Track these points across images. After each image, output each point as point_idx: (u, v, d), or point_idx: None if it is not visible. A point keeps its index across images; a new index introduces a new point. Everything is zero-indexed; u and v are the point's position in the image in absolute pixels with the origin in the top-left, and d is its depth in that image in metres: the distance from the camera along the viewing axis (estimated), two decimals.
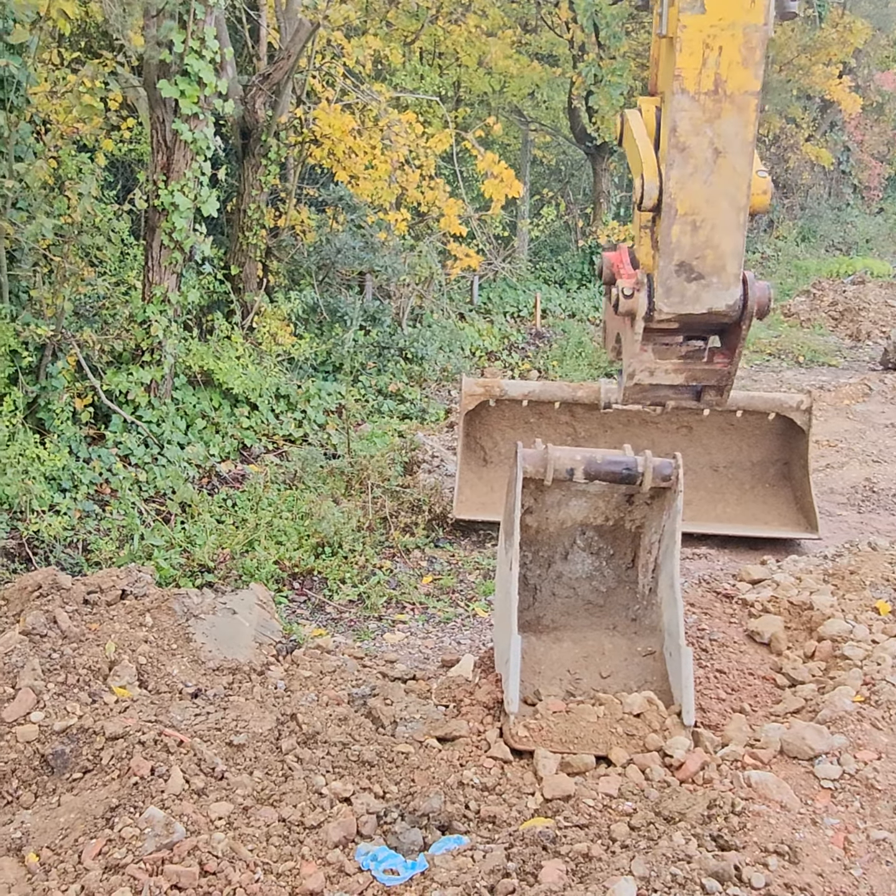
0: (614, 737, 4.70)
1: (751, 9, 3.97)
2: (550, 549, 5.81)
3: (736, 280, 4.30)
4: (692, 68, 4.03)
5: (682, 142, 4.11)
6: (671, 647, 5.16)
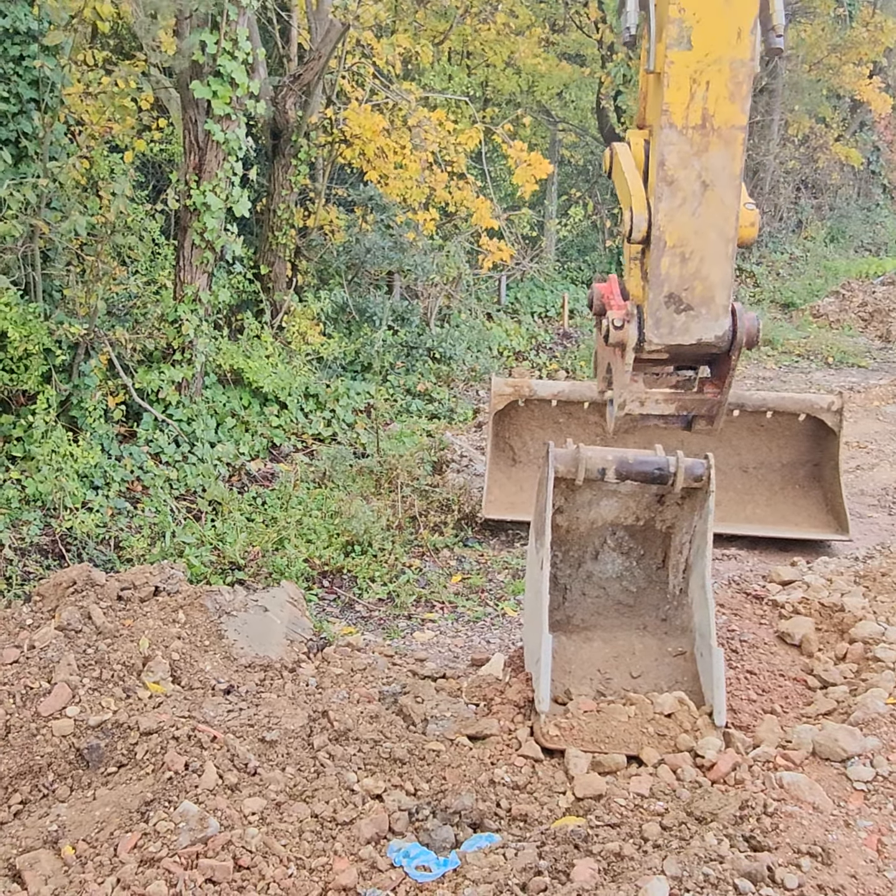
0: (645, 737, 4.70)
1: (737, 44, 4.00)
2: (581, 549, 5.80)
3: (725, 311, 4.35)
4: (680, 103, 4.07)
5: (671, 175, 4.14)
6: (702, 648, 5.14)
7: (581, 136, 20.97)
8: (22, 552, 7.64)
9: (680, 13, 4.00)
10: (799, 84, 23.06)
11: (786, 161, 23.71)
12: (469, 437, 11.41)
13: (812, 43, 23.06)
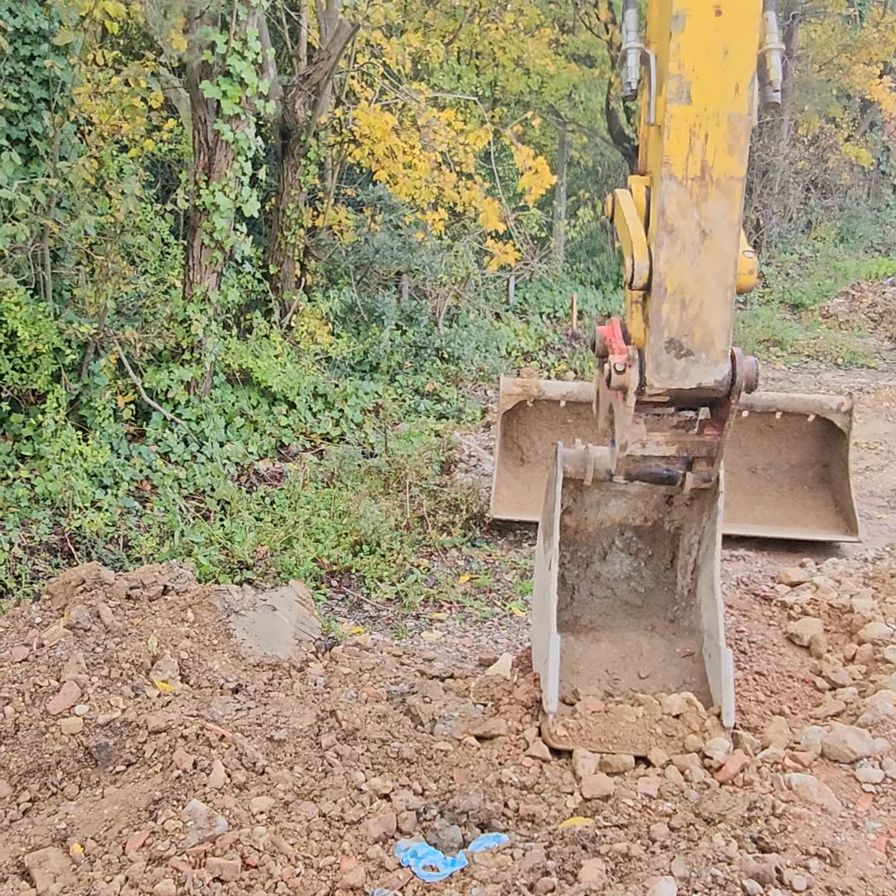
0: (653, 737, 4.70)
1: (735, 99, 4.09)
2: (589, 550, 5.80)
3: (724, 356, 4.40)
4: (679, 155, 4.17)
5: (671, 224, 4.23)
6: (711, 649, 5.14)
7: (590, 138, 20.95)
8: (31, 551, 7.66)
9: (680, 69, 4.09)
10: (809, 84, 23.02)
11: (795, 161, 23.67)
12: (477, 437, 11.41)
13: (822, 43, 23.04)
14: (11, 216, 8.15)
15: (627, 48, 4.41)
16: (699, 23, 4.06)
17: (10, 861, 3.98)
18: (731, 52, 4.08)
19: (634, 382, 4.45)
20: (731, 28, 4.05)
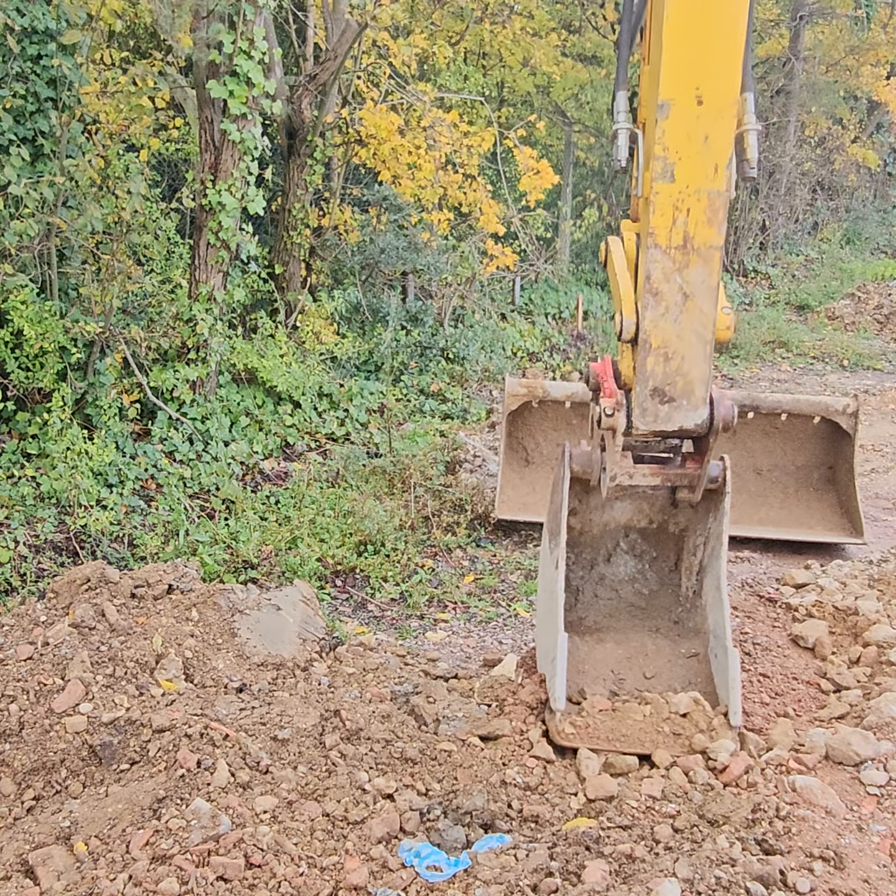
0: (661, 736, 4.70)
1: (714, 178, 4.52)
2: (593, 551, 5.80)
3: (703, 402, 4.82)
4: (664, 226, 4.60)
5: (655, 287, 4.66)
6: (717, 649, 5.14)
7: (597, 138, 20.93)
8: (36, 549, 7.68)
9: (664, 151, 4.51)
10: (816, 85, 22.97)
11: (802, 162, 23.63)
12: (482, 438, 11.41)
13: (829, 44, 23.00)
14: (19, 214, 8.16)
15: (618, 128, 4.89)
16: (682, 111, 4.47)
17: (13, 859, 3.99)
18: (710, 137, 4.49)
19: (622, 425, 4.88)
20: (710, 116, 4.46)
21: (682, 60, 4.42)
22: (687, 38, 4.39)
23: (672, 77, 4.45)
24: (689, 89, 4.45)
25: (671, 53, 4.42)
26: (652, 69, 4.65)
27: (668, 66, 4.44)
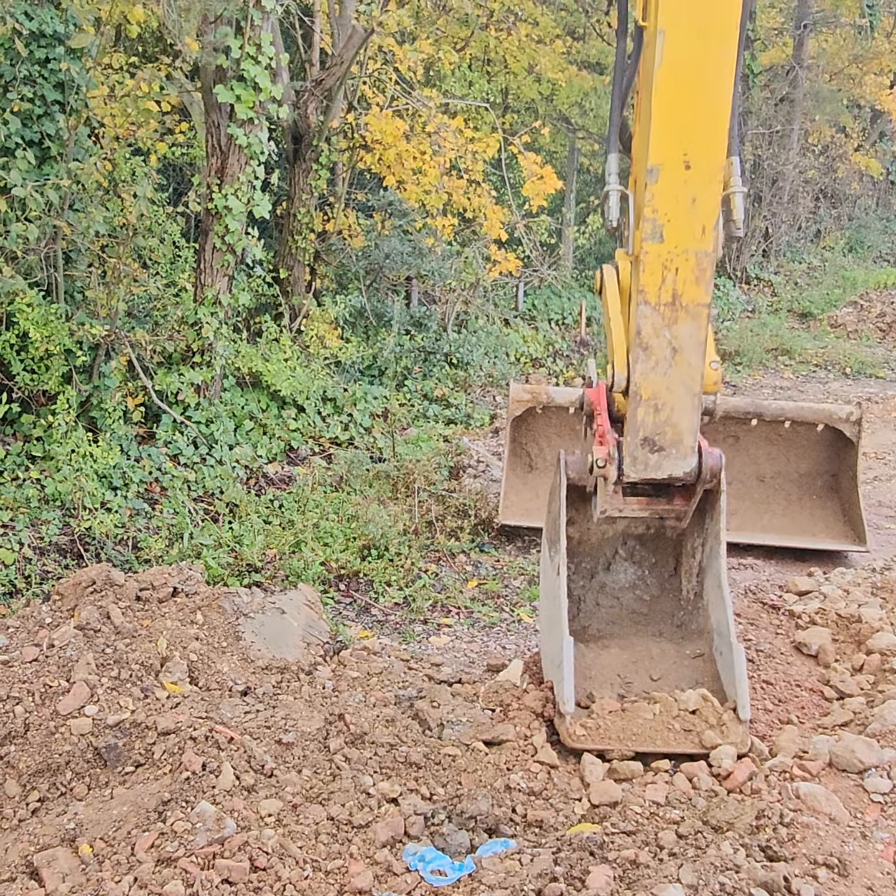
0: (671, 733, 4.73)
1: (701, 239, 4.73)
2: (593, 560, 5.84)
3: (692, 451, 5.02)
4: (653, 285, 4.80)
5: (646, 342, 4.86)
6: (722, 647, 5.17)
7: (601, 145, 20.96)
8: (41, 551, 7.69)
9: (654, 213, 4.71)
10: (819, 94, 23.02)
11: (805, 170, 23.68)
12: (486, 443, 11.43)
13: (833, 53, 23.05)
14: (24, 217, 8.18)
15: (609, 190, 5.03)
16: (670, 175, 4.66)
17: (18, 860, 3.99)
18: (698, 200, 4.69)
19: (613, 476, 5.09)
20: (698, 180, 4.66)
21: (671, 127, 4.63)
22: (675, 105, 4.60)
23: (661, 143, 4.64)
24: (678, 154, 4.65)
25: (660, 120, 4.62)
26: (641, 134, 4.84)
27: (657, 133, 4.65)
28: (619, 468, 5.06)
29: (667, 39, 4.51)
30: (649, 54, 4.68)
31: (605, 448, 5.10)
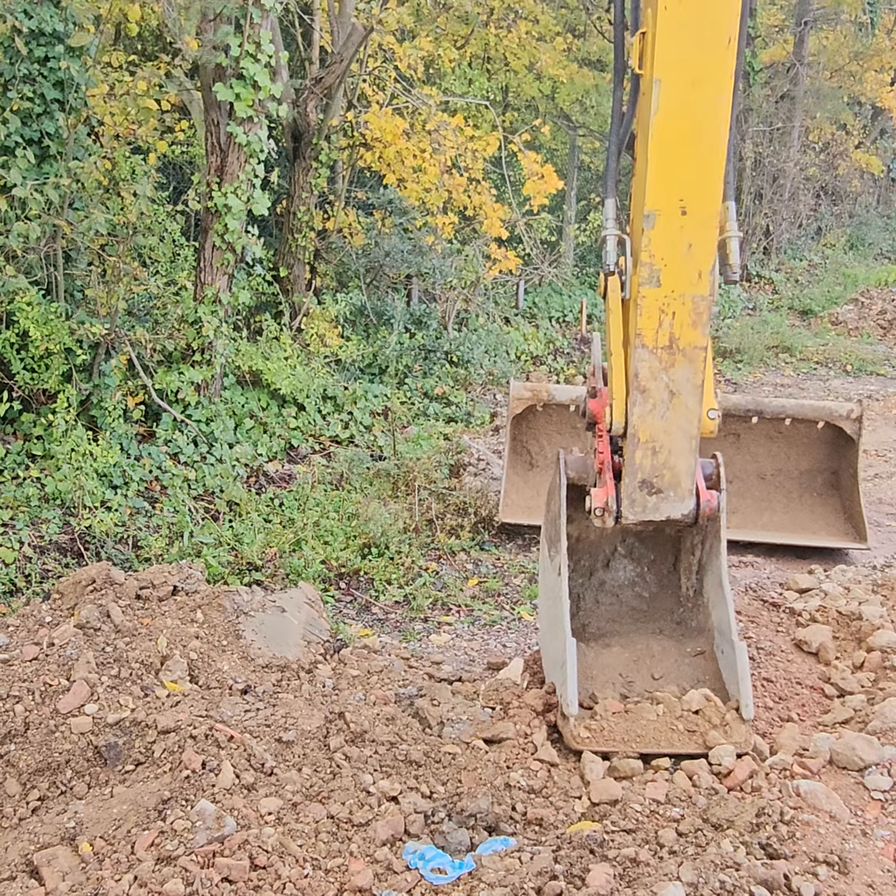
0: (675, 734, 4.72)
1: (698, 283, 4.76)
2: (592, 558, 5.83)
3: (690, 494, 5.06)
4: (650, 328, 4.83)
5: (643, 385, 4.90)
6: (723, 645, 5.16)
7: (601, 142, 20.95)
8: (41, 550, 7.69)
9: (650, 258, 4.75)
10: (820, 91, 23.00)
11: (806, 168, 23.65)
12: (486, 441, 11.42)
13: (834, 50, 23.03)
14: (24, 216, 8.18)
15: (606, 234, 5.06)
16: (667, 221, 4.70)
17: (19, 859, 3.99)
18: (694, 245, 4.72)
19: (610, 524, 5.13)
20: (694, 226, 4.70)
21: (667, 173, 4.66)
22: (671, 152, 4.63)
23: (657, 189, 4.67)
24: (674, 200, 4.68)
25: (656, 167, 4.65)
26: (638, 180, 4.84)
27: (653, 179, 4.66)
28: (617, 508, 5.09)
29: (662, 88, 4.55)
30: (645, 102, 4.70)
31: (604, 496, 5.13)
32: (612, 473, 5.18)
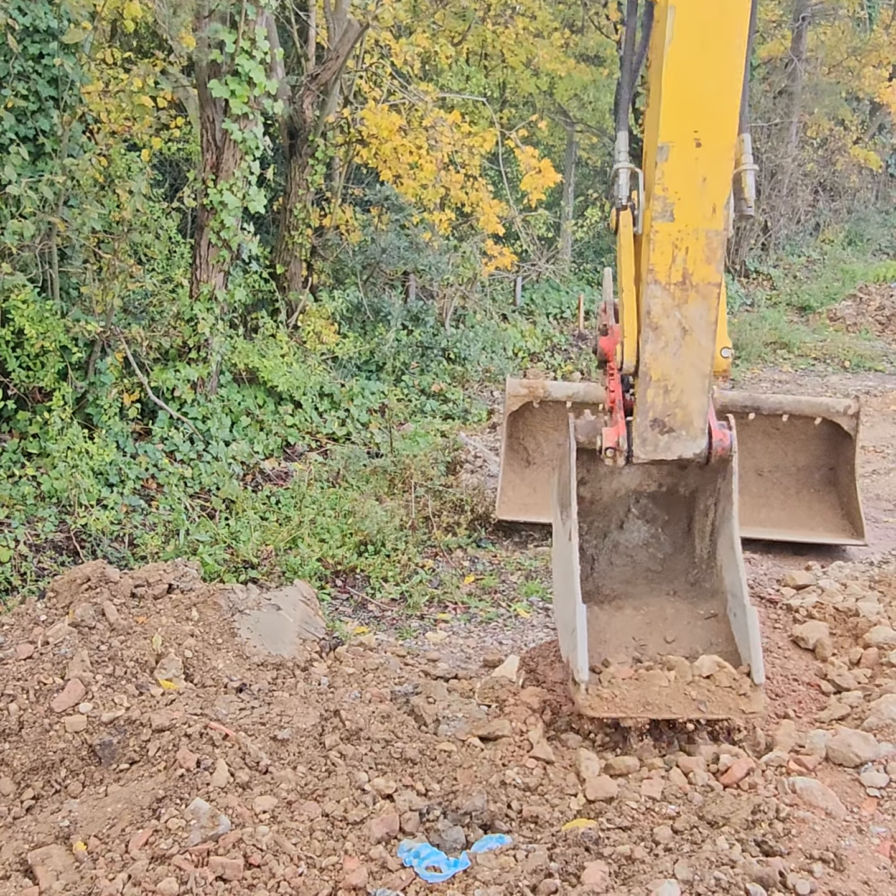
0: (687, 700, 4.69)
1: (712, 218, 4.69)
2: (605, 519, 5.78)
3: (702, 433, 5.02)
4: (663, 264, 4.77)
5: (655, 322, 4.83)
6: (735, 608, 5.12)
7: (599, 138, 20.94)
8: (36, 548, 7.68)
9: (664, 192, 4.67)
10: (818, 86, 22.97)
11: (804, 163, 23.63)
12: (483, 438, 11.41)
13: (832, 45, 23.00)
14: (19, 213, 8.16)
15: (619, 168, 5.04)
16: (681, 153, 4.62)
17: (13, 858, 3.98)
18: (708, 178, 4.65)
19: (621, 463, 5.10)
20: (708, 158, 4.62)
21: (681, 104, 4.58)
22: (686, 82, 4.56)
23: (671, 120, 4.60)
24: (688, 132, 4.60)
25: (670, 98, 4.58)
26: (651, 112, 4.79)
27: (667, 110, 4.59)
28: (628, 448, 5.03)
29: (677, 15, 4.46)
30: (659, 30, 4.63)
31: (615, 435, 5.07)
32: (623, 412, 5.12)
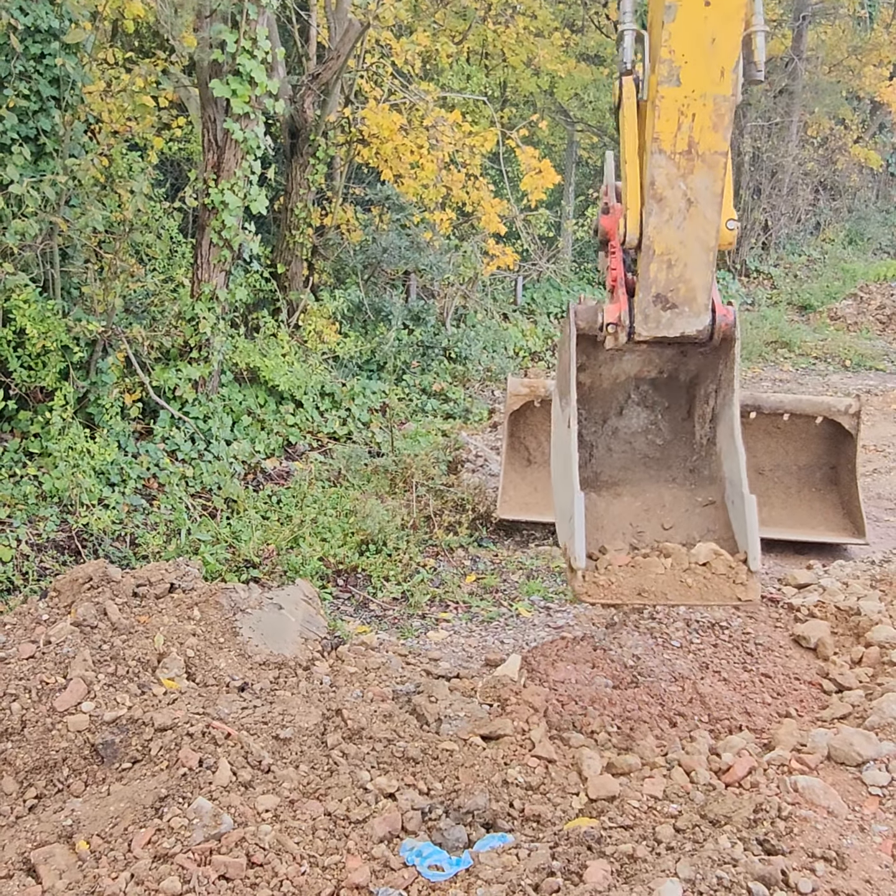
0: (683, 587, 4.67)
1: (720, 82, 4.49)
2: (605, 406, 5.69)
3: (705, 309, 4.88)
4: (668, 132, 4.59)
5: (659, 193, 4.68)
6: (734, 496, 5.07)
7: (599, 137, 20.94)
8: (38, 548, 7.68)
9: (670, 54, 4.47)
10: (819, 85, 22.97)
11: (805, 162, 23.63)
12: (484, 437, 11.41)
13: (832, 45, 23.00)
14: (21, 213, 8.16)
15: (624, 30, 4.82)
16: (689, 13, 4.40)
17: (15, 857, 3.99)
18: (717, 40, 4.42)
19: (622, 340, 4.98)
20: (718, 18, 4.39)
21: None
22: None
23: None
24: None
25: None
26: None
27: None
28: (630, 323, 4.91)
29: None
30: None
31: (617, 311, 4.95)
32: (625, 289, 5.00)
